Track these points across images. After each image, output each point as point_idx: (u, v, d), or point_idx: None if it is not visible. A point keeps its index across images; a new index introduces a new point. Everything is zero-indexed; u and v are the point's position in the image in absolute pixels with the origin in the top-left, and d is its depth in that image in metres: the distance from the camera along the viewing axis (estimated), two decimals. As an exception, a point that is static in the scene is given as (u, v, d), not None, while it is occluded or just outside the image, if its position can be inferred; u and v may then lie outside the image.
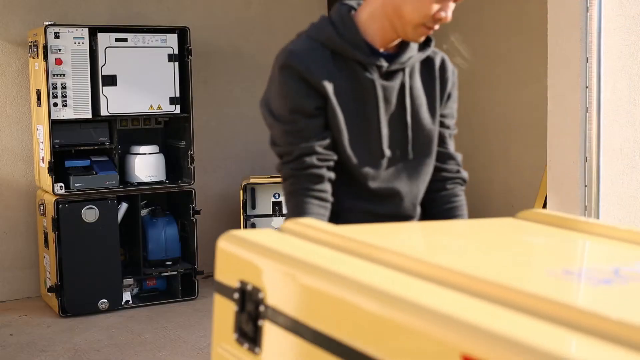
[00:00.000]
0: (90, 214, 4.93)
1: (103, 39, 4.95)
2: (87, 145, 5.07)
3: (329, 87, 1.90)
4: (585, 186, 4.40)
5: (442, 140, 2.07)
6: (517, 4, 6.40)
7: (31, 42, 5.01)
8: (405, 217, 2.06)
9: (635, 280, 1.26)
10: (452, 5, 1.91)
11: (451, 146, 2.10)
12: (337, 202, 1.97)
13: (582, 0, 4.30)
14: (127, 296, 5.14)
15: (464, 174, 2.13)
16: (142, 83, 5.08)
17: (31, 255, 5.37)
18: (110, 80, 4.98)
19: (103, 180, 5.00)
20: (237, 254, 1.44)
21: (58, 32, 4.86)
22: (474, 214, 2.46)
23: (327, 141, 1.92)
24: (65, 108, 4.90)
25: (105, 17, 5.48)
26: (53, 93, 4.86)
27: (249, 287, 1.37)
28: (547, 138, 4.60)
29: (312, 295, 1.25)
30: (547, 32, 4.56)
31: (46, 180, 4.98)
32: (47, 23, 4.86)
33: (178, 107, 5.20)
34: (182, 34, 5.21)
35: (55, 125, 4.91)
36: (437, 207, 2.10)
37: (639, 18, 4.50)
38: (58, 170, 4.96)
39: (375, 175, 1.98)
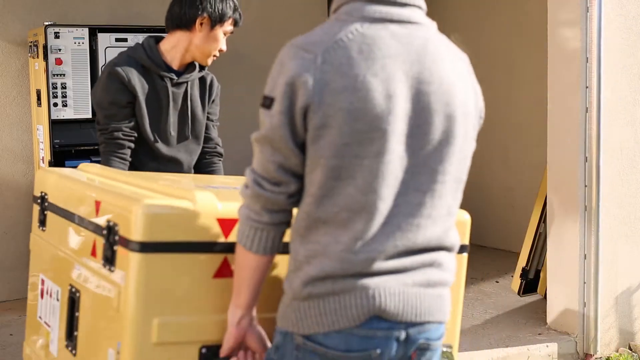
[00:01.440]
0: (90, 214, 4.93)
1: (103, 39, 4.96)
2: (87, 145, 5.06)
3: (138, 89, 2.91)
4: (585, 186, 4.39)
5: (207, 129, 3.14)
6: (517, 4, 6.40)
7: (31, 42, 5.01)
8: None
9: (223, 190, 2.24)
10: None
11: (213, 133, 3.17)
12: (140, 163, 2.97)
13: (582, 0, 4.30)
14: (127, 296, 5.13)
15: (220, 149, 3.20)
16: (142, 83, 5.07)
17: (31, 255, 5.36)
18: (110, 80, 4.98)
19: (103, 180, 5.00)
20: (42, 177, 2.47)
21: (58, 32, 4.86)
22: (474, 213, 2.47)
23: (131, 124, 2.93)
24: (65, 108, 4.90)
25: (105, 17, 5.48)
26: (53, 93, 4.86)
27: (43, 194, 2.40)
28: (547, 138, 4.59)
29: (65, 192, 2.29)
30: (547, 32, 4.56)
31: (46, 180, 4.97)
32: (47, 23, 4.86)
33: (178, 107, 5.20)
34: (182, 34, 5.20)
35: (55, 125, 4.90)
36: (201, 171, 3.16)
37: (639, 18, 4.50)
38: (58, 170, 4.96)
39: (164, 147, 2.99)
